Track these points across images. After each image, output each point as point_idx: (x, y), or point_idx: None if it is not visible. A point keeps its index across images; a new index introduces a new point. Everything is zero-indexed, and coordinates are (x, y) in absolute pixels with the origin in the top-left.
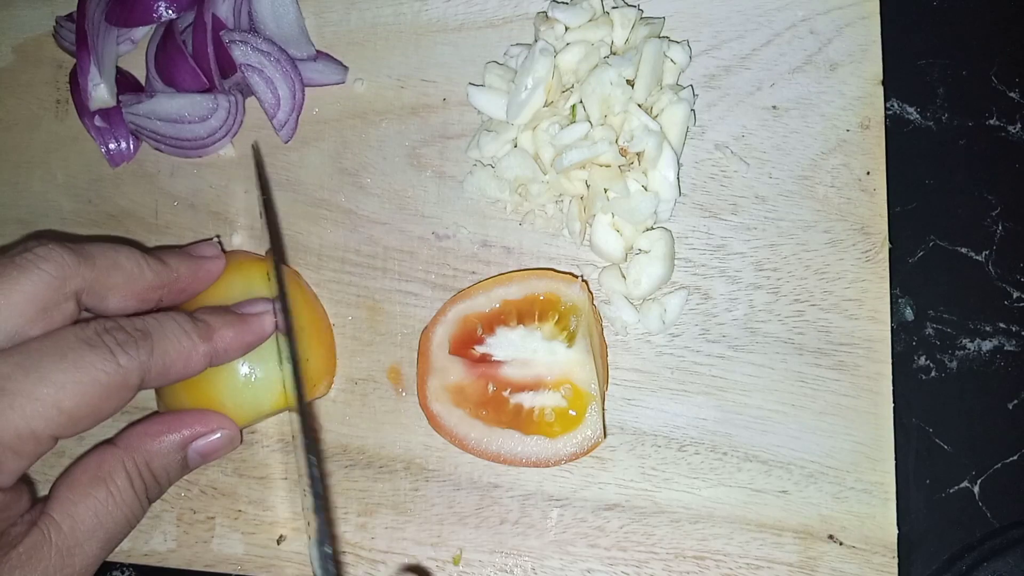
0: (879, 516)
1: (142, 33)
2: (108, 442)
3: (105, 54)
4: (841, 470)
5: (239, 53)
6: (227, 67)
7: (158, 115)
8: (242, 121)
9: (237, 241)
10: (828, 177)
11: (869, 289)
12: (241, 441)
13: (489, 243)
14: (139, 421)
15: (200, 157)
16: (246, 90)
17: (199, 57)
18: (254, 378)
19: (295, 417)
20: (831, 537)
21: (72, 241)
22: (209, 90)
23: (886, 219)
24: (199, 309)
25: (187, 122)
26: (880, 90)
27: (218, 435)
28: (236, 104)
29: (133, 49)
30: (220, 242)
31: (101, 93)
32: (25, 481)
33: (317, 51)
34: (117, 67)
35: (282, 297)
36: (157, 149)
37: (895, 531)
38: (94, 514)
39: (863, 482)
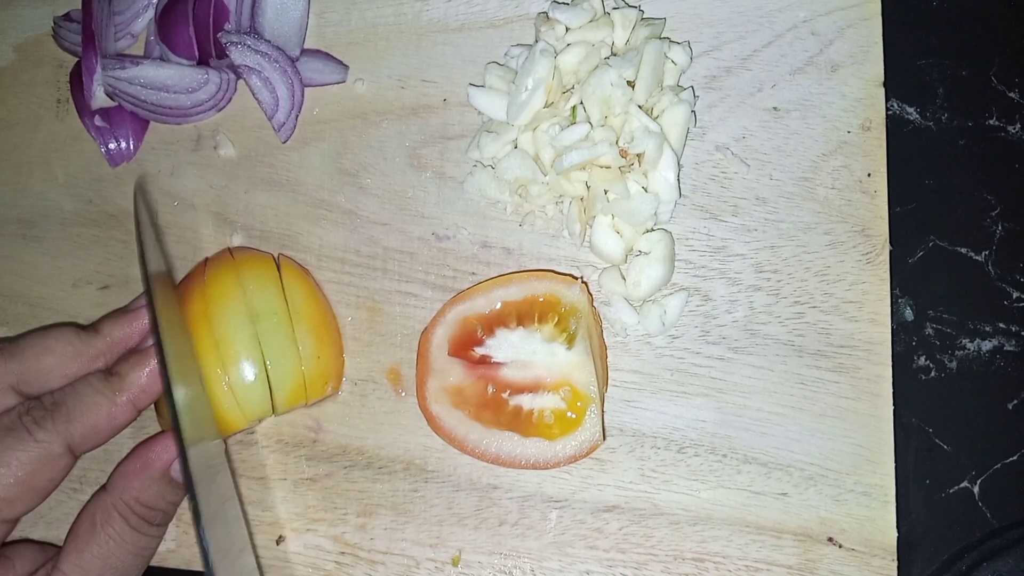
0: (879, 519)
1: (141, 27)
2: (101, 490)
3: (108, 52)
4: (841, 472)
5: (236, 54)
6: (223, 49)
7: (141, 81)
8: (230, 99)
9: (237, 241)
10: (829, 179)
11: (869, 291)
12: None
13: (489, 244)
14: (122, 460)
15: (178, 124)
16: (239, 74)
17: (199, 28)
18: (261, 377)
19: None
20: (830, 539)
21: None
22: (202, 62)
23: (887, 221)
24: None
25: (172, 91)
26: (881, 92)
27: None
28: (228, 82)
29: (133, 43)
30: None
31: (103, 92)
32: (29, 548)
33: (317, 50)
34: None
35: (155, 331)
36: (133, 113)
37: (895, 534)
38: (100, 558)
39: (863, 485)
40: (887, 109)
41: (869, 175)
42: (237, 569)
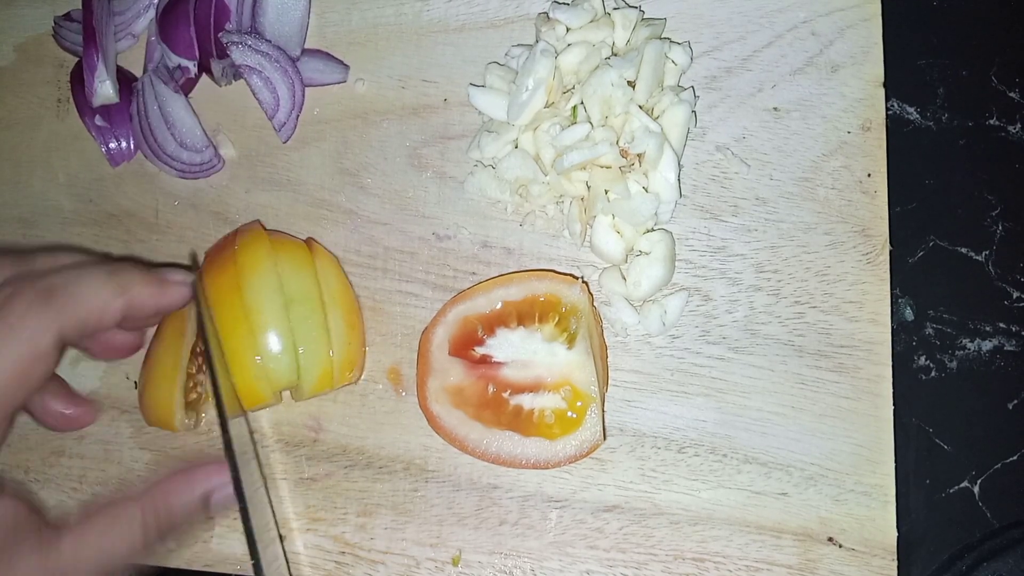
0: (879, 519)
1: (142, 27)
2: (132, 487)
3: (109, 51)
4: (841, 472)
5: (237, 54)
6: (223, 49)
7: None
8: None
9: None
10: (829, 179)
11: (870, 291)
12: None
13: (489, 244)
14: (164, 471)
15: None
16: (239, 74)
17: (200, 28)
18: (289, 346)
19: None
20: (831, 539)
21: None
22: (202, 62)
23: (887, 221)
24: (117, 265)
25: (174, 138)
26: (881, 92)
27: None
28: (214, 165)
29: (134, 44)
30: (195, 262)
31: (107, 90)
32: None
33: (318, 50)
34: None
35: (200, 321)
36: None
37: (895, 534)
38: (100, 550)
39: (863, 485)
40: (887, 109)
41: (869, 175)
42: (268, 557)
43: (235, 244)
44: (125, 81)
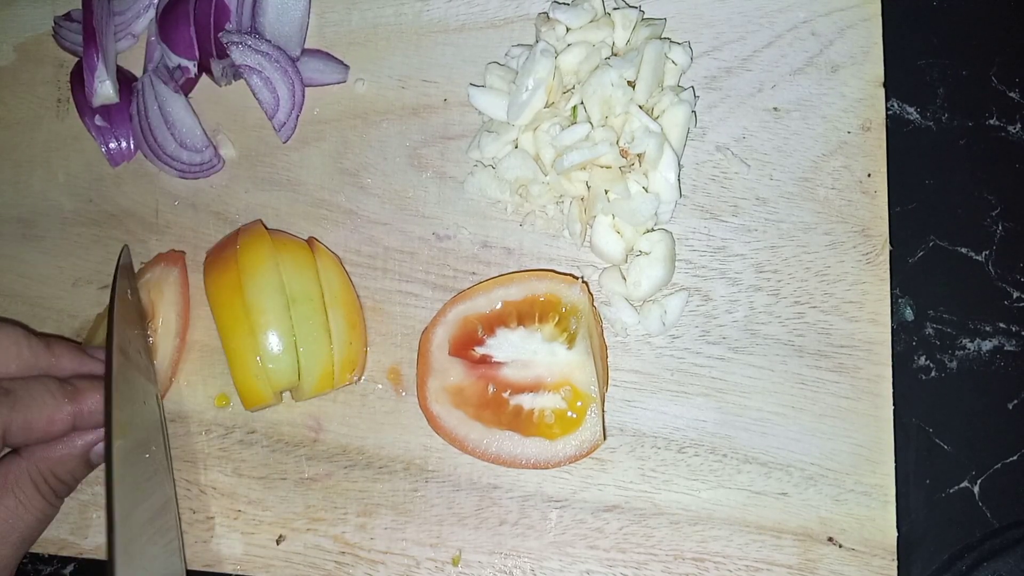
0: (879, 519)
1: (142, 27)
2: (14, 452)
3: (109, 50)
4: (841, 472)
5: (237, 54)
6: (223, 49)
7: (163, 113)
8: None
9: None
10: (829, 179)
11: (869, 291)
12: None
13: (489, 244)
14: None
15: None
16: (239, 74)
17: (200, 28)
18: (290, 347)
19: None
20: (831, 539)
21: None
22: (202, 62)
23: (887, 221)
24: (73, 376)
25: (174, 138)
26: (881, 92)
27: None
28: (214, 165)
29: (134, 43)
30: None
31: (107, 89)
32: None
33: (317, 50)
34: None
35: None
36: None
37: (895, 533)
38: (4, 520)
39: (863, 484)
40: (887, 109)
41: (869, 175)
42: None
43: (236, 244)
44: (125, 81)
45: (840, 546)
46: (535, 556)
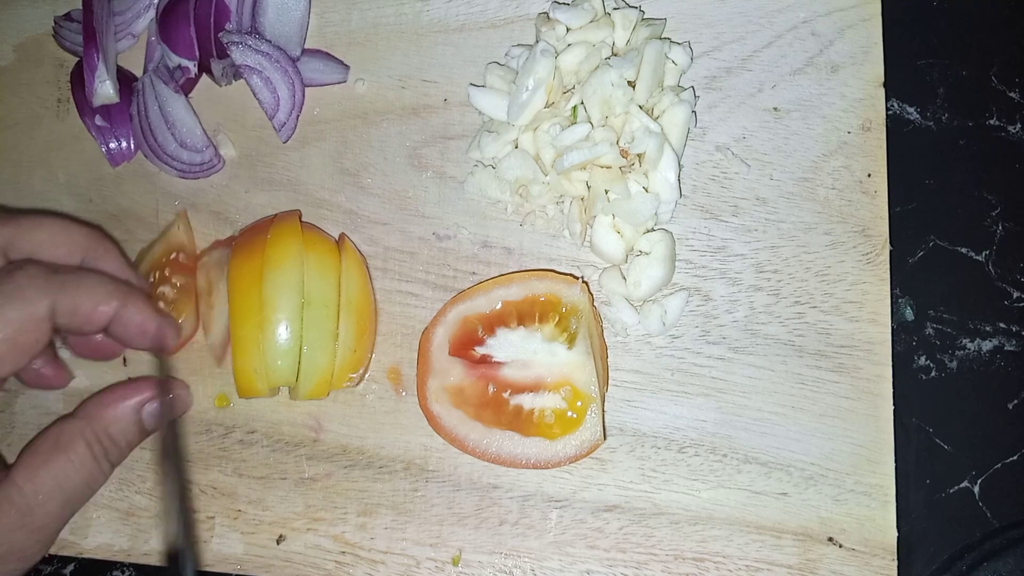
0: (879, 518)
1: (142, 27)
2: (69, 415)
3: (109, 50)
4: (841, 472)
5: (237, 54)
6: (223, 49)
7: (163, 113)
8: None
9: None
10: (829, 179)
11: (869, 291)
12: (191, 403)
13: (490, 244)
14: (96, 393)
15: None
16: (239, 74)
17: (200, 28)
18: (295, 349)
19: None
20: (831, 539)
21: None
22: (202, 62)
23: (887, 221)
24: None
25: (174, 138)
26: (881, 92)
27: (170, 397)
28: (214, 165)
29: (134, 43)
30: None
31: (107, 89)
32: None
33: (318, 50)
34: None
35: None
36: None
37: (895, 533)
38: (53, 477)
39: (863, 484)
40: (887, 109)
41: (869, 175)
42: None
43: (268, 233)
44: (125, 81)
45: (840, 546)
46: (535, 556)
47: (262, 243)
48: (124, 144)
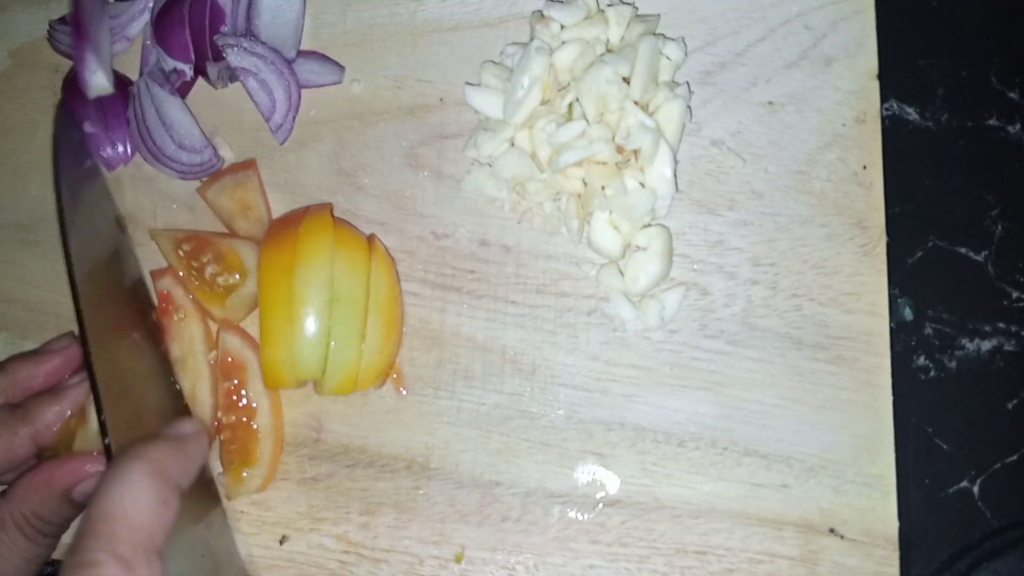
0: (880, 509)
1: (137, 31)
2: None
3: (101, 44)
4: (841, 463)
5: (233, 57)
6: (219, 51)
7: (160, 115)
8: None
9: None
10: (824, 172)
11: (867, 283)
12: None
13: (488, 242)
14: (27, 471)
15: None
16: (235, 76)
17: (195, 31)
18: (323, 343)
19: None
20: (832, 530)
21: None
22: (198, 65)
23: (883, 213)
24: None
25: (172, 140)
26: (875, 84)
27: (94, 478)
28: (214, 164)
29: (129, 47)
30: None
31: (100, 79)
32: None
33: (313, 52)
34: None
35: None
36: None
37: (896, 524)
38: None
39: (863, 475)
40: (887, 109)
41: (864, 168)
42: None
43: (299, 226)
44: (121, 85)
45: (842, 537)
46: (538, 552)
47: (294, 235)
48: (120, 148)
